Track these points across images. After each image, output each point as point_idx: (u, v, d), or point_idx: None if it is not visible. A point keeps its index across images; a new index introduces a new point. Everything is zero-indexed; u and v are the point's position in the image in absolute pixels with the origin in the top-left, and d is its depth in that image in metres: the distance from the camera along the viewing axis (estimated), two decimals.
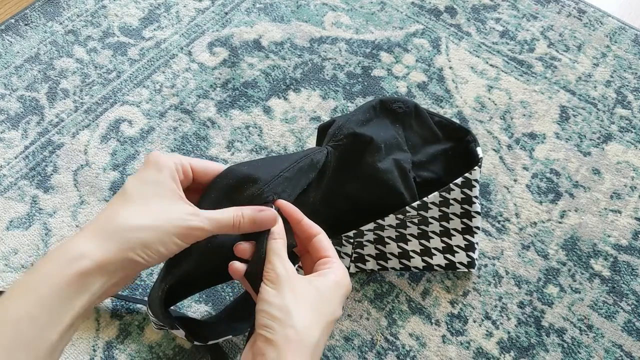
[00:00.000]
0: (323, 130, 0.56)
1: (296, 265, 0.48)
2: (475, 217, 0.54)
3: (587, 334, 0.54)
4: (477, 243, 0.55)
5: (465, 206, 0.53)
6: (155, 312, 0.42)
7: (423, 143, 0.57)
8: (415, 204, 0.51)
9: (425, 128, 0.57)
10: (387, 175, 0.51)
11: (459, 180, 0.52)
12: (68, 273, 0.31)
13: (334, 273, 0.38)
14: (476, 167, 0.52)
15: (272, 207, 0.41)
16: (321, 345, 0.35)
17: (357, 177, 0.52)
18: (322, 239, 0.41)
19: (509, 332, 0.54)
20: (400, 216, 0.51)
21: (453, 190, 0.52)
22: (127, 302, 0.55)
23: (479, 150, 0.54)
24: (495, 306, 0.55)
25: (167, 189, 0.36)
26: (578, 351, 0.53)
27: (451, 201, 0.53)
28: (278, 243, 0.38)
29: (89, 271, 0.31)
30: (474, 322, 0.54)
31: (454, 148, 0.57)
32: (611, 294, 0.56)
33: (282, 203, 0.42)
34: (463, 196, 0.53)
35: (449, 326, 0.54)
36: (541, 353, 0.53)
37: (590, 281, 0.57)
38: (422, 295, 0.56)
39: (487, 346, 0.53)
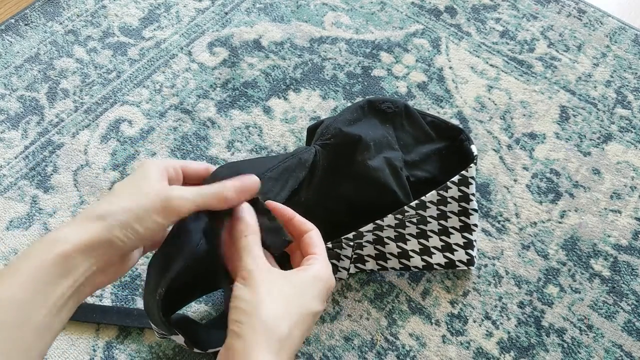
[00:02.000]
0: (312, 131, 0.56)
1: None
2: (472, 215, 0.54)
3: (587, 334, 0.54)
4: (475, 240, 0.55)
5: (463, 204, 0.53)
6: (155, 319, 0.41)
7: (416, 143, 0.57)
8: (413, 204, 0.51)
9: (417, 128, 0.57)
10: (378, 173, 0.51)
11: (455, 178, 0.52)
12: (49, 256, 0.32)
13: (313, 268, 0.38)
14: (472, 165, 0.52)
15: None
16: (294, 338, 0.35)
17: (349, 177, 0.52)
18: (312, 236, 0.41)
19: (509, 332, 0.54)
20: (399, 216, 0.51)
21: (450, 188, 0.52)
22: (127, 302, 0.55)
23: (473, 147, 0.55)
24: (495, 306, 0.55)
25: (152, 179, 0.37)
26: (578, 351, 0.53)
27: (449, 199, 0.53)
28: (248, 239, 0.37)
29: (69, 253, 0.32)
30: (474, 322, 0.54)
31: (448, 147, 0.57)
32: (611, 294, 0.56)
33: (271, 203, 0.42)
34: (460, 194, 0.53)
35: (449, 326, 0.54)
36: (541, 353, 0.53)
37: (590, 281, 0.57)
38: (422, 295, 0.56)
39: (487, 346, 0.53)
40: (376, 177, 0.51)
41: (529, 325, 0.54)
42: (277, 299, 0.35)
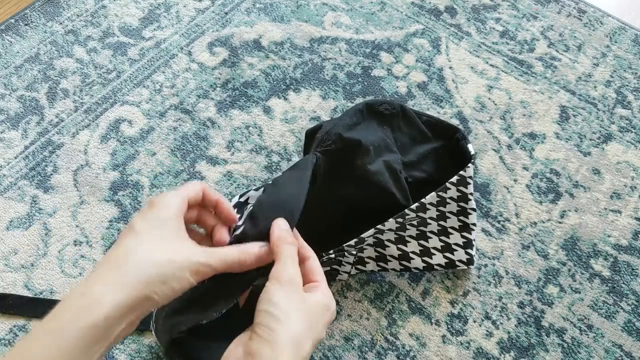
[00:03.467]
0: (310, 135, 0.56)
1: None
2: (471, 214, 0.54)
3: (587, 334, 0.54)
4: (474, 240, 0.55)
5: (462, 204, 0.53)
6: (164, 345, 0.43)
7: (412, 143, 0.57)
8: (414, 206, 0.51)
9: (413, 128, 0.58)
10: (377, 177, 0.51)
11: (454, 179, 0.52)
12: (85, 325, 0.31)
13: (323, 297, 0.38)
14: (470, 165, 0.52)
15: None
16: (307, 354, 0.35)
17: (349, 181, 0.52)
18: (312, 263, 0.40)
19: (509, 332, 0.54)
20: (400, 219, 0.51)
21: (449, 189, 0.52)
22: None
23: (470, 147, 0.55)
24: (495, 306, 0.55)
25: (174, 227, 0.36)
26: (578, 351, 0.53)
27: (448, 200, 0.53)
28: (292, 249, 0.38)
29: (107, 319, 0.31)
30: (474, 322, 0.54)
31: (444, 146, 0.57)
32: (611, 294, 0.56)
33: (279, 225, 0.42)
34: (459, 194, 0.53)
35: (449, 326, 0.54)
36: (541, 353, 0.53)
37: (590, 281, 0.57)
38: (422, 295, 0.56)
39: (487, 346, 0.53)
40: (376, 181, 0.51)
41: (529, 325, 0.54)
42: (303, 316, 0.35)
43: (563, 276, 0.57)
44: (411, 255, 0.54)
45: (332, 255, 0.51)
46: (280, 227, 0.40)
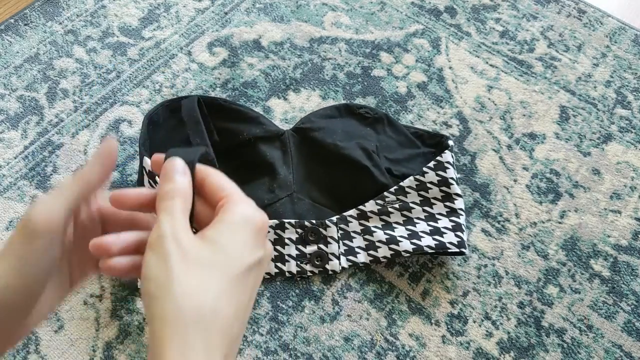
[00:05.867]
0: None
1: None
2: (457, 200, 0.56)
3: (587, 334, 0.54)
4: (464, 225, 0.56)
5: (444, 188, 0.56)
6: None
7: (400, 146, 0.61)
8: (392, 189, 0.55)
9: (400, 134, 0.61)
10: (348, 150, 0.56)
11: (431, 164, 0.56)
12: None
13: (230, 213, 0.30)
14: (446, 151, 0.56)
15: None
16: (223, 310, 0.28)
17: (324, 162, 0.57)
18: (212, 180, 0.32)
19: (509, 332, 0.54)
20: (379, 202, 0.55)
21: (427, 173, 0.56)
22: (126, 302, 0.55)
23: (450, 142, 0.58)
24: (495, 306, 0.55)
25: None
26: (578, 351, 0.53)
27: (428, 184, 0.56)
28: (174, 201, 0.30)
29: None
30: (474, 322, 0.54)
31: (433, 153, 0.60)
32: (611, 294, 0.56)
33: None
34: (439, 178, 0.55)
35: (449, 326, 0.54)
36: (541, 353, 0.53)
37: (590, 281, 0.57)
38: (422, 295, 0.56)
39: (487, 346, 0.53)
40: (346, 154, 0.56)
41: (529, 326, 0.54)
42: (194, 268, 0.28)
43: (563, 276, 0.57)
44: (399, 238, 0.55)
45: (314, 222, 0.55)
46: (170, 179, 0.30)
